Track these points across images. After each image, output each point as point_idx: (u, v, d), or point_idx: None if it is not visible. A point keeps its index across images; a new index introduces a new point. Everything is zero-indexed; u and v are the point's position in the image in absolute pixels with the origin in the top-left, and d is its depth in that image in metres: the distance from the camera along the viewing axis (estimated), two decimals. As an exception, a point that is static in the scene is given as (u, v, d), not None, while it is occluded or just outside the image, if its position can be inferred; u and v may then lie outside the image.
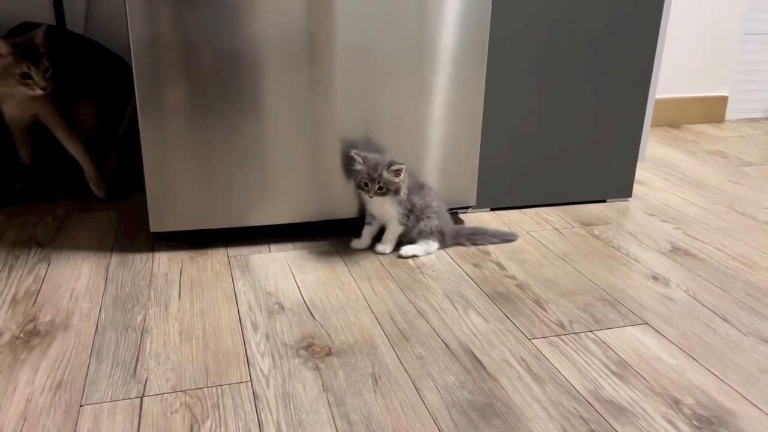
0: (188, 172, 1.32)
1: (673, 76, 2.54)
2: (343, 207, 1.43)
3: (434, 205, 1.38)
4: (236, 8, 1.24)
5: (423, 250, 1.38)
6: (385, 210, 1.36)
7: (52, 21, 1.90)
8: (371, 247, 1.40)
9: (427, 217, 1.37)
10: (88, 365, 0.99)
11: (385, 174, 1.31)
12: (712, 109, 2.64)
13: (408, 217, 1.36)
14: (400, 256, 1.37)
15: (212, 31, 1.24)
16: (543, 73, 1.54)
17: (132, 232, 1.47)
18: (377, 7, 1.30)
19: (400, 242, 1.40)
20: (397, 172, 1.31)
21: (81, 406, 0.90)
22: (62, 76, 1.53)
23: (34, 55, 1.43)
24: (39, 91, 1.44)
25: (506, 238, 1.46)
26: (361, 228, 1.41)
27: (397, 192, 1.33)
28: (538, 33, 1.50)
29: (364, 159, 1.34)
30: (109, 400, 0.91)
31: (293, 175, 1.38)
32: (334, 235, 1.47)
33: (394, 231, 1.38)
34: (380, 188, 1.32)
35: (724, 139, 2.40)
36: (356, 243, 1.41)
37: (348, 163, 1.38)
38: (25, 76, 1.42)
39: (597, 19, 1.53)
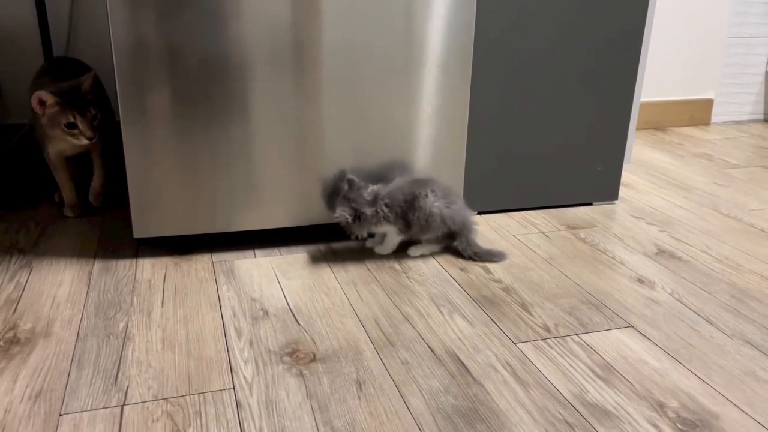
0: (172, 178, 1.31)
1: (660, 79, 2.56)
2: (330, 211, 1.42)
3: (435, 211, 1.32)
4: (221, 12, 1.23)
5: (429, 249, 1.39)
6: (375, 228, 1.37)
7: (35, 26, 1.89)
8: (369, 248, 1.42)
9: (429, 228, 1.35)
10: (69, 373, 0.97)
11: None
12: (698, 112, 2.66)
13: (408, 228, 1.35)
14: (409, 256, 1.39)
15: (196, 35, 1.23)
16: (528, 76, 1.54)
17: (116, 238, 1.45)
18: (364, 11, 1.30)
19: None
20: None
21: (60, 415, 0.89)
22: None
23: (81, 103, 1.38)
24: (85, 141, 1.40)
25: (492, 258, 1.38)
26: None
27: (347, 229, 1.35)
28: (523, 37, 1.50)
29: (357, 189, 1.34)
30: (89, 408, 0.90)
31: (279, 180, 1.37)
32: (321, 239, 1.46)
33: (392, 240, 1.38)
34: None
35: (709, 142, 2.41)
36: (371, 242, 1.43)
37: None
38: (71, 126, 1.38)
39: (581, 22, 1.53)
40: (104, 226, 1.52)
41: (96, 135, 1.41)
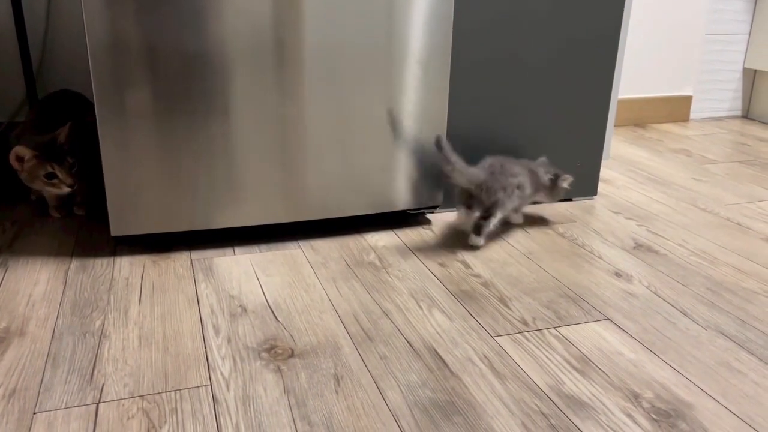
0: (151, 175, 1.30)
1: (639, 76, 2.58)
2: (310, 208, 1.42)
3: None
4: (200, 8, 1.22)
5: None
6: None
7: (10, 23, 1.87)
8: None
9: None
10: (43, 372, 0.97)
11: None
12: (677, 109, 2.68)
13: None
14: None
15: (175, 31, 1.23)
16: (507, 73, 1.55)
17: (93, 236, 1.44)
18: (345, 7, 1.30)
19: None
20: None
21: (34, 413, 0.88)
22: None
23: (58, 153, 1.41)
24: (66, 189, 1.43)
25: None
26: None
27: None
28: (501, 33, 1.51)
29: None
30: (63, 407, 0.89)
31: (260, 177, 1.36)
32: (301, 236, 1.46)
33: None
34: None
35: (688, 138, 2.44)
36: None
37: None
38: (51, 176, 1.41)
39: (559, 18, 1.54)
40: (81, 224, 1.50)
41: (76, 182, 1.44)
